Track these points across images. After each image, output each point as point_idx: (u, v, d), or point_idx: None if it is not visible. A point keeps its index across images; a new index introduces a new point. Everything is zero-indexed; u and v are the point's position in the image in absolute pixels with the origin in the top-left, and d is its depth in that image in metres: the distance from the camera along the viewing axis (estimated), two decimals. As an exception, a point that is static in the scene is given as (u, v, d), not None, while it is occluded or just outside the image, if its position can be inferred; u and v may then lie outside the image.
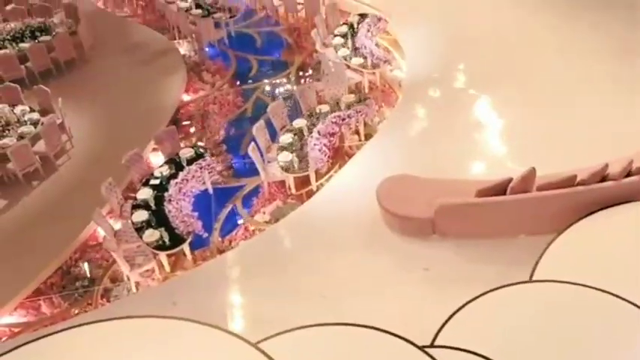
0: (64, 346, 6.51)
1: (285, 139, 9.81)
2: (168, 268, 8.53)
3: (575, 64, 11.14)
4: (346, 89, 10.87)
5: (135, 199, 9.02)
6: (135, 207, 8.83)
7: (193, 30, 13.89)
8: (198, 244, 8.83)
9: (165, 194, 8.96)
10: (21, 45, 12.95)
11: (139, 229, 8.45)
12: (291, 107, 11.07)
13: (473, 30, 12.62)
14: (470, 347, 5.90)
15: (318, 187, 9.55)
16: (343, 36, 12.22)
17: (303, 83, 12.08)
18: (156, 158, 10.52)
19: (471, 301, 6.49)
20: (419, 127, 10.62)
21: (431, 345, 6.05)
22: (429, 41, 12.50)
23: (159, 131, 10.36)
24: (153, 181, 9.26)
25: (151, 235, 8.32)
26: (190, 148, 9.92)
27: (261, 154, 9.61)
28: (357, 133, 10.59)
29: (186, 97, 12.28)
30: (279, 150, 9.65)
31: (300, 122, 10.16)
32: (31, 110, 11.17)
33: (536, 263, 6.96)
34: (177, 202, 8.88)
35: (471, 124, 10.33)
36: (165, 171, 9.42)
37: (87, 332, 6.64)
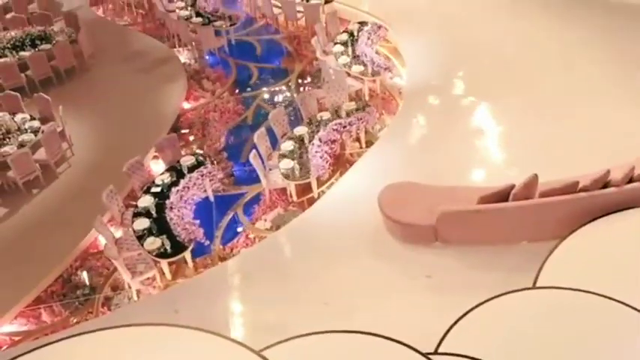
0: (65, 354, 6.49)
1: (286, 146, 9.81)
2: (169, 276, 8.51)
3: (575, 72, 11.17)
4: (347, 97, 10.88)
5: (136, 207, 9.00)
6: (136, 215, 8.81)
7: (193, 38, 13.92)
8: (199, 251, 8.81)
9: (167, 202, 8.95)
10: (21, 53, 12.96)
11: (141, 237, 8.43)
12: (291, 115, 11.08)
13: (473, 38, 12.65)
14: (474, 354, 5.88)
15: (319, 195, 9.54)
16: (343, 44, 12.25)
17: (304, 91, 12.08)
18: (157, 166, 10.51)
19: (474, 307, 6.47)
20: (420, 135, 10.63)
21: (435, 352, 6.03)
22: (429, 49, 12.53)
23: (160, 139, 10.36)
24: (154, 189, 9.24)
25: (153, 242, 8.30)
26: (191, 155, 9.91)
27: (262, 161, 9.60)
28: (357, 140, 10.60)
29: (186, 105, 12.29)
30: (280, 157, 9.64)
31: (301, 130, 10.16)
32: (32, 118, 11.16)
33: (540, 269, 6.95)
34: (178, 210, 8.86)
35: (472, 131, 10.34)
36: (167, 179, 9.41)
37: (88, 341, 6.61)
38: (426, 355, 5.94)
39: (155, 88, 12.66)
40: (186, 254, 8.45)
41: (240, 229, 9.36)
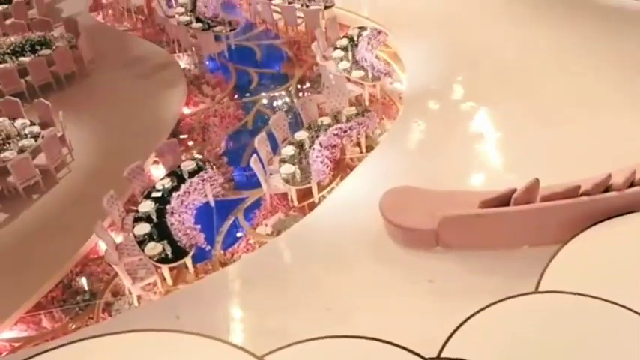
0: (66, 360, 6.47)
1: (287, 151, 9.80)
2: (170, 282, 8.48)
3: (575, 76, 11.18)
4: (347, 102, 10.88)
5: (137, 212, 8.98)
6: (137, 220, 8.79)
7: (193, 43, 13.93)
8: (200, 257, 8.79)
9: (168, 207, 8.93)
10: (21, 59, 12.96)
11: (141, 242, 8.41)
12: (292, 120, 11.08)
13: (472, 43, 12.68)
14: (476, 359, 5.86)
15: (320, 200, 9.53)
16: (343, 49, 12.26)
17: (304, 96, 12.08)
18: (157, 171, 10.50)
19: (477, 312, 6.45)
20: (420, 139, 10.61)
21: (437, 357, 6.00)
22: (429, 54, 12.54)
23: (160, 144, 10.36)
24: (155, 194, 9.23)
25: (153, 248, 8.28)
26: (192, 160, 9.90)
27: (262, 166, 9.59)
28: (358, 145, 10.59)
29: (186, 110, 12.28)
30: (281, 162, 9.63)
31: (301, 135, 10.15)
32: (32, 124, 11.15)
33: (542, 274, 6.94)
34: (179, 215, 8.85)
35: (472, 136, 10.34)
36: (167, 184, 9.39)
37: (88, 347, 6.59)
38: (429, 359, 5.92)
39: (155, 94, 12.66)
40: (187, 259, 8.42)
41: (240, 235, 9.35)
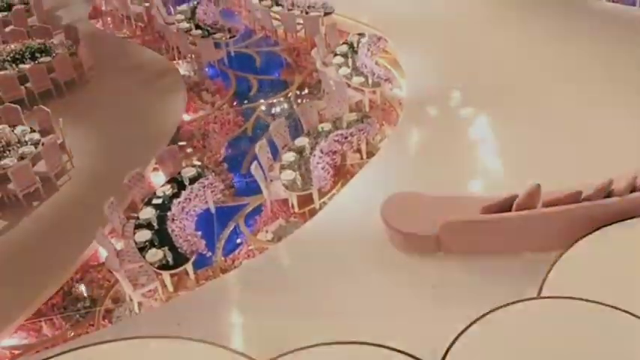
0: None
1: (288, 157, 9.80)
2: (171, 288, 8.45)
3: (576, 81, 11.21)
4: (347, 108, 10.88)
5: (137, 219, 8.96)
6: (138, 227, 8.77)
7: (193, 50, 13.94)
8: (201, 263, 8.76)
9: (168, 213, 8.91)
10: (21, 66, 12.95)
11: (142, 249, 8.38)
12: (292, 126, 11.07)
13: (472, 49, 12.70)
14: (480, 365, 5.84)
15: (320, 206, 9.51)
16: (343, 55, 12.28)
17: (304, 102, 12.08)
18: (157, 178, 10.48)
19: (479, 318, 6.43)
20: (420, 145, 10.61)
21: (441, 363, 5.99)
22: (429, 60, 12.57)
23: (160, 151, 10.34)
24: (155, 201, 9.21)
25: (155, 254, 8.25)
26: (192, 167, 9.88)
27: (263, 172, 9.58)
28: (358, 151, 10.59)
29: (186, 117, 12.27)
30: (282, 168, 9.62)
31: (302, 141, 10.15)
32: (32, 130, 11.13)
33: (544, 279, 6.92)
34: (180, 222, 8.82)
35: (473, 141, 10.35)
36: (168, 190, 9.37)
37: (89, 354, 6.55)
38: (431, 365, 5.90)
39: (155, 101, 12.66)
40: (188, 266, 8.39)
41: (241, 241, 9.32)
